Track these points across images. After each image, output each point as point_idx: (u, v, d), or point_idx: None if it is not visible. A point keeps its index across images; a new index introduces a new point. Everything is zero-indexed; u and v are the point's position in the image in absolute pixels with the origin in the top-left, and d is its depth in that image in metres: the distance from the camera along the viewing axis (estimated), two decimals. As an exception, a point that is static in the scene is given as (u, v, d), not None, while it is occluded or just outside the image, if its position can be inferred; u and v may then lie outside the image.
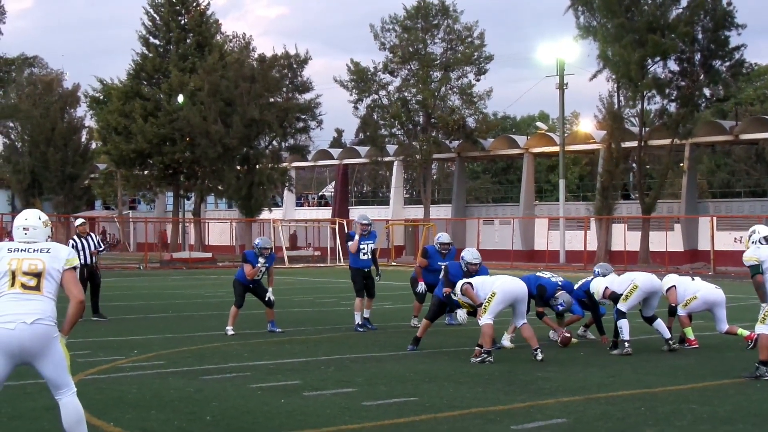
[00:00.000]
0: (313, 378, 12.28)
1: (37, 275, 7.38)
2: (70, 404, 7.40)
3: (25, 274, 7.35)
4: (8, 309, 7.24)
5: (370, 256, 18.15)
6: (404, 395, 10.99)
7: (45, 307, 7.32)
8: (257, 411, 10.11)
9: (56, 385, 7.40)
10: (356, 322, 17.88)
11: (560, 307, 15.49)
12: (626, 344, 14.63)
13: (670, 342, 14.72)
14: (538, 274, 16.06)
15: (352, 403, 10.56)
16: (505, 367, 13.18)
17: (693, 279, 15.82)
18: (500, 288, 13.79)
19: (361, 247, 18.01)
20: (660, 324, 14.92)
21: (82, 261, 19.46)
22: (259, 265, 17.18)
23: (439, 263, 17.15)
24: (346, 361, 13.96)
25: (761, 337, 12.19)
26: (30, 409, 9.97)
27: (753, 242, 12.45)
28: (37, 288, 7.36)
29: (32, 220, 7.67)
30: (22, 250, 7.48)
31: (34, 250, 7.49)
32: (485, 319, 13.65)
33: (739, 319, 17.13)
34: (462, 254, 15.07)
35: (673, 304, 15.45)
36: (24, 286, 7.33)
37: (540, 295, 15.55)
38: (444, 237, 17.94)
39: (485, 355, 13.51)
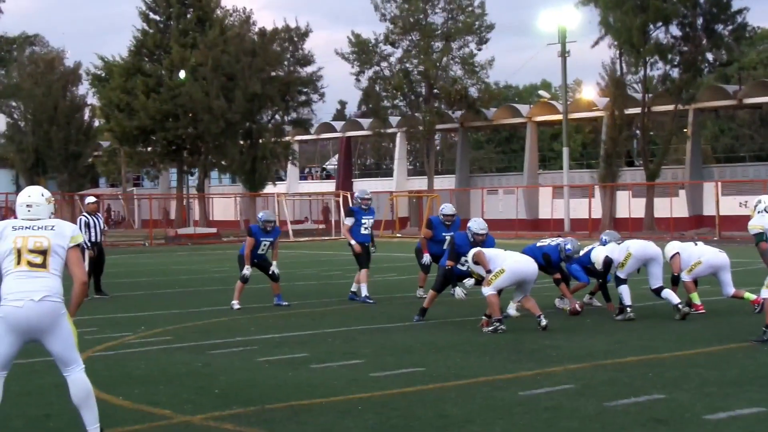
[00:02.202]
0: (320, 350, 12.30)
1: (43, 252, 7.35)
2: (78, 380, 7.40)
3: (31, 251, 7.33)
4: (16, 287, 7.25)
5: (370, 231, 18.14)
6: (411, 365, 11.01)
7: (52, 284, 7.30)
8: (265, 384, 10.13)
9: (64, 361, 7.41)
10: (363, 294, 17.87)
11: (569, 251, 15.54)
12: (628, 309, 14.71)
13: (680, 306, 14.70)
14: (538, 244, 16.06)
15: (360, 374, 10.58)
16: (511, 336, 13.19)
17: (696, 244, 15.85)
18: (510, 267, 13.76)
19: (363, 222, 17.96)
20: (668, 293, 14.92)
21: (93, 239, 19.50)
22: (263, 240, 17.18)
23: (443, 234, 17.15)
24: (353, 333, 13.98)
25: (767, 302, 12.23)
26: (38, 386, 10.00)
27: (759, 211, 12.53)
28: (43, 265, 7.33)
29: (35, 197, 7.63)
30: (26, 227, 7.44)
31: (38, 228, 7.45)
32: (489, 290, 13.66)
33: (745, 284, 17.13)
34: (468, 224, 15.05)
35: (675, 273, 15.47)
36: (30, 263, 7.31)
37: (548, 262, 15.57)
38: (448, 208, 17.89)
39: (497, 324, 13.52)
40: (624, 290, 14.85)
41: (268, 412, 8.73)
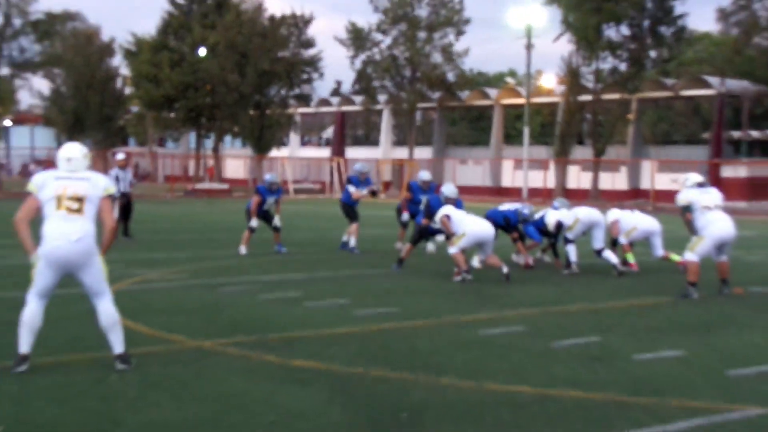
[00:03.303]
0: (313, 291, 12.36)
1: (80, 200, 7.40)
2: (106, 309, 7.51)
3: (70, 198, 7.38)
4: (55, 229, 7.32)
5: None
6: (389, 306, 11.08)
7: (86, 227, 7.38)
8: (265, 317, 10.20)
9: (95, 292, 7.52)
10: (351, 245, 17.94)
11: (525, 214, 15.62)
12: (574, 265, 14.82)
13: (618, 267, 14.82)
14: (500, 208, 16.11)
15: (345, 312, 10.65)
16: (474, 285, 13.27)
17: (632, 212, 15.94)
18: (470, 231, 13.84)
19: (360, 191, 18.16)
20: (607, 254, 15.04)
21: (122, 190, 19.47)
22: (268, 198, 17.25)
23: (420, 196, 17.23)
24: (341, 277, 14.05)
25: (689, 263, 12.36)
26: (73, 313, 10.05)
27: (686, 186, 12.64)
28: (79, 211, 7.39)
29: (74, 152, 7.65)
30: (66, 178, 7.48)
31: (77, 179, 7.49)
32: (453, 250, 13.76)
33: (674, 248, 17.23)
34: (441, 189, 15.11)
35: (614, 237, 15.57)
36: (69, 209, 7.36)
37: (507, 223, 15.66)
38: (425, 174, 17.93)
39: (465, 274, 13.60)
40: (571, 249, 14.98)
41: (266, 340, 8.80)
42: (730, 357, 8.42)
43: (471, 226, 13.94)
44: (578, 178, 49.95)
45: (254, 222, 17.21)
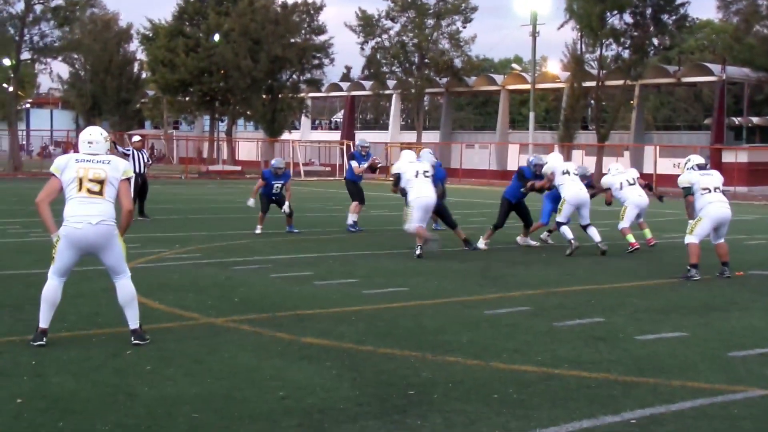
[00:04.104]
0: (323, 270, 12.33)
1: (101, 182, 7.40)
2: (125, 286, 7.54)
3: (91, 180, 7.38)
4: (77, 210, 7.33)
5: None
6: (397, 285, 11.05)
7: (106, 209, 7.40)
8: (276, 295, 10.17)
9: (115, 270, 7.55)
10: (349, 222, 18.01)
11: (532, 161, 15.64)
12: (572, 242, 14.68)
13: (600, 245, 14.79)
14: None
15: (354, 290, 10.62)
16: (480, 265, 13.23)
17: (621, 188, 15.90)
18: (415, 203, 14.19)
19: (361, 165, 18.27)
20: (592, 230, 15.09)
21: (136, 170, 19.43)
22: (274, 182, 17.19)
23: None
24: (350, 257, 14.01)
25: (690, 246, 12.28)
26: (90, 290, 10.04)
27: (687, 168, 12.56)
28: (100, 193, 7.40)
29: (96, 135, 7.65)
30: (87, 160, 7.48)
31: (97, 161, 7.49)
32: (407, 227, 14.23)
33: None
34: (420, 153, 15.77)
35: (608, 203, 16.15)
36: (90, 191, 7.37)
37: (522, 176, 15.46)
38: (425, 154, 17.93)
39: (419, 249, 13.87)
40: (565, 229, 14.88)
41: (277, 318, 8.78)
42: (731, 339, 8.35)
43: (414, 197, 14.20)
44: (582, 162, 49.70)
45: (250, 202, 17.43)
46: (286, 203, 17.33)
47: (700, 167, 12.57)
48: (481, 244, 15.18)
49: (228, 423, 5.53)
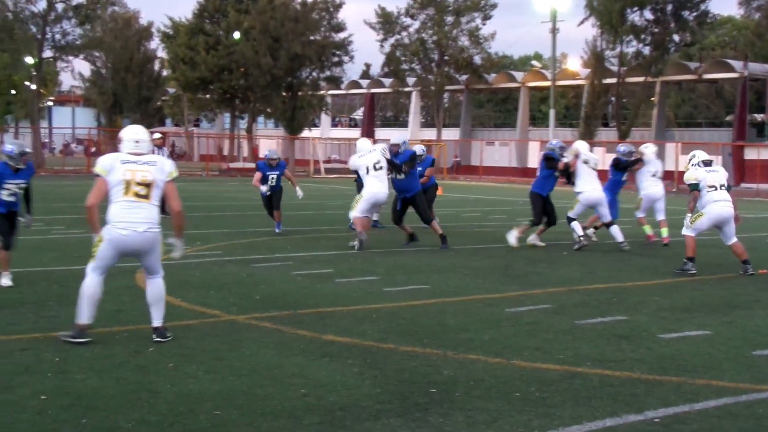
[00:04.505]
0: (343, 268, 12.32)
1: (148, 185, 7.35)
2: (157, 284, 7.63)
3: (138, 184, 7.31)
4: (122, 216, 7.29)
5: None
6: (418, 283, 11.02)
7: (152, 214, 7.40)
8: (297, 293, 10.16)
9: (151, 270, 7.63)
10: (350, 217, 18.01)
11: (553, 144, 15.75)
12: (580, 238, 14.92)
13: (623, 245, 14.88)
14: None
15: (375, 288, 10.60)
16: (502, 262, 13.19)
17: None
18: (366, 195, 14.58)
19: None
20: (614, 229, 15.16)
21: None
22: (269, 174, 16.97)
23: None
24: (371, 254, 13.99)
25: (686, 238, 12.42)
26: (113, 287, 10.04)
27: (692, 165, 12.56)
28: (146, 197, 7.35)
29: (141, 134, 7.59)
30: (132, 162, 7.38)
31: (143, 163, 7.41)
32: (351, 213, 14.81)
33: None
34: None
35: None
36: (137, 194, 7.31)
37: (549, 159, 15.26)
38: (418, 148, 17.82)
39: (361, 237, 14.28)
40: (575, 225, 15.05)
41: (298, 316, 8.77)
42: (755, 337, 8.28)
43: (366, 189, 14.58)
44: (603, 159, 49.51)
45: (264, 188, 16.94)
46: (297, 189, 17.18)
47: (706, 164, 12.55)
48: (512, 239, 15.02)
49: (250, 420, 5.52)
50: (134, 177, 7.30)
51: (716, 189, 12.22)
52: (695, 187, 12.28)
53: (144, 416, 5.54)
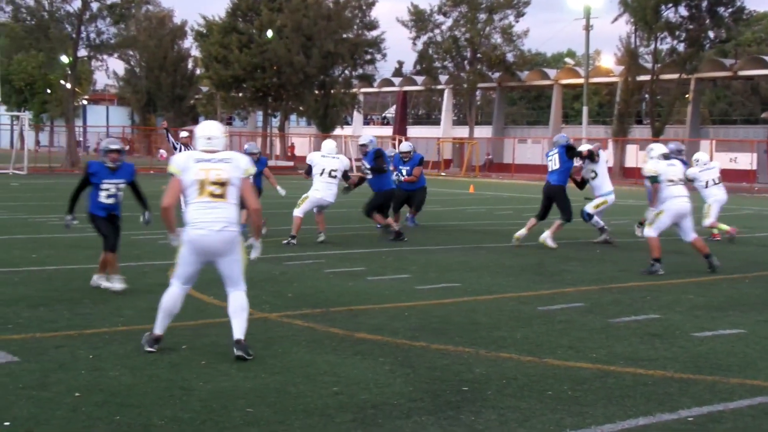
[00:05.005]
0: (376, 265, 12.32)
1: (223, 184, 6.97)
2: (237, 297, 7.11)
3: (213, 183, 6.94)
4: (199, 216, 6.93)
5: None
6: (450, 281, 11.01)
7: (229, 213, 7.00)
8: (329, 291, 10.18)
9: (231, 281, 7.15)
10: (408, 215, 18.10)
11: (562, 137, 15.72)
12: (606, 234, 15.43)
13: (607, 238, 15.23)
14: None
15: (407, 286, 10.60)
16: (534, 260, 13.15)
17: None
18: (311, 195, 14.91)
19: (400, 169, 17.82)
20: (595, 219, 15.47)
21: None
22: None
23: (400, 167, 17.61)
24: (403, 252, 13.99)
25: (649, 239, 12.33)
26: (146, 285, 10.14)
27: (651, 158, 12.63)
28: (222, 196, 6.97)
29: (214, 130, 7.21)
30: (206, 160, 7.01)
31: (217, 160, 7.04)
32: (295, 211, 15.04)
33: (735, 226, 16.87)
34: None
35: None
36: (212, 194, 6.95)
37: (571, 149, 15.23)
38: (405, 146, 17.76)
39: (291, 239, 14.58)
40: (595, 219, 15.38)
41: (331, 314, 8.79)
42: (790, 335, 8.19)
43: (314, 189, 14.87)
44: (636, 157, 49.18)
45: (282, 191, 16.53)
46: (278, 188, 16.50)
47: (665, 157, 12.51)
48: (550, 241, 14.77)
49: (282, 417, 5.54)
50: (208, 176, 6.97)
51: (675, 183, 12.25)
52: (655, 180, 12.32)
53: (177, 413, 5.58)
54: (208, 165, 7.01)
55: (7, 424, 5.31)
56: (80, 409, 5.63)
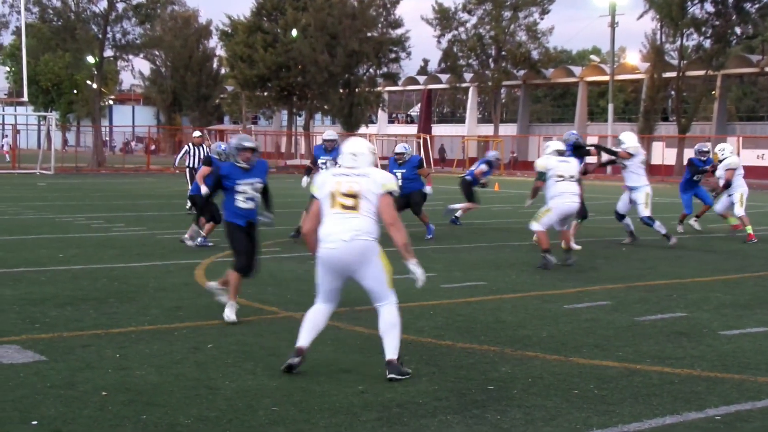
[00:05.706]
0: (399, 265, 12.24)
1: (354, 196, 6.58)
2: (386, 313, 6.73)
3: (344, 195, 6.59)
4: (330, 229, 6.57)
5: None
6: (475, 280, 10.98)
7: (362, 224, 6.56)
8: (354, 289, 10.12)
9: (376, 295, 6.79)
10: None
11: (572, 134, 15.23)
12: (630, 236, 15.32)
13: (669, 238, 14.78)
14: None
15: (433, 285, 10.55)
16: (559, 258, 13.07)
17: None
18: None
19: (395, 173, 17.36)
20: (627, 220, 15.35)
21: (191, 165, 19.78)
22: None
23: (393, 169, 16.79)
24: (428, 251, 13.97)
25: (538, 234, 12.43)
26: (172, 284, 10.16)
27: (546, 153, 12.71)
28: (354, 208, 6.57)
29: (361, 147, 6.79)
30: (344, 174, 6.68)
31: (354, 174, 6.65)
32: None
33: (760, 223, 16.75)
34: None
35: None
36: (343, 206, 6.58)
37: (577, 146, 14.84)
38: (399, 147, 17.18)
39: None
40: (626, 221, 15.29)
41: (355, 312, 8.78)
42: (819, 334, 8.11)
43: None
44: (663, 154, 48.92)
45: (205, 188, 14.89)
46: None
47: (560, 153, 12.62)
48: (572, 243, 14.69)
49: (307, 416, 5.54)
50: (339, 188, 6.61)
51: (564, 180, 12.28)
52: (541, 177, 12.42)
53: (203, 412, 5.59)
54: (343, 178, 6.68)
55: (34, 423, 5.34)
56: (107, 408, 5.66)
